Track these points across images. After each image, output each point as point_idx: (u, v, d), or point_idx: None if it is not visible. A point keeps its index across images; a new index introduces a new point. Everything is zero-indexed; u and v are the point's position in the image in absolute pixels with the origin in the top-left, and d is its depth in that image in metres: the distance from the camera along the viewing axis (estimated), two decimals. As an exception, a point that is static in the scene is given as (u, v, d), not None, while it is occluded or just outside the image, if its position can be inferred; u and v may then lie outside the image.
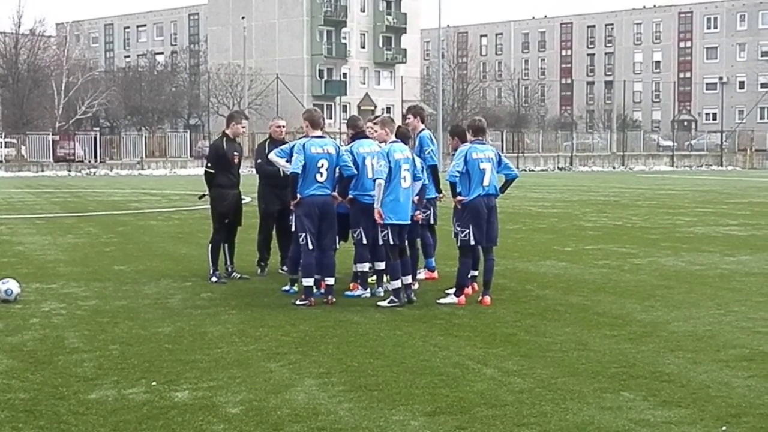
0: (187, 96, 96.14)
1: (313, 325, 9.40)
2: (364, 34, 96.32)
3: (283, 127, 13.20)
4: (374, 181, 10.69)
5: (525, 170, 66.37)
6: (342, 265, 11.85)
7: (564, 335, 8.93)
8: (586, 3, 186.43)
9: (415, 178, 11.00)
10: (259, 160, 12.89)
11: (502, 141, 74.68)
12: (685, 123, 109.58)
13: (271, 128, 13.25)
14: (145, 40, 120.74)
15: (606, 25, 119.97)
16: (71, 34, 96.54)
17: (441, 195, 12.19)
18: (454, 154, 11.29)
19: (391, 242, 10.73)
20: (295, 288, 11.29)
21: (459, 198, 10.64)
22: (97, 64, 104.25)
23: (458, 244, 10.84)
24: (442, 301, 10.73)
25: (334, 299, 10.73)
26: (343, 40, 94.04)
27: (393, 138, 10.97)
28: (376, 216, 10.60)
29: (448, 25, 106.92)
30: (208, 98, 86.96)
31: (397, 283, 10.60)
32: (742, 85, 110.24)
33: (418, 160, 11.25)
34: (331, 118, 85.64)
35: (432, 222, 12.27)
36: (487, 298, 10.67)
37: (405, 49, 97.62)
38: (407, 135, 11.73)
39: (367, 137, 11.53)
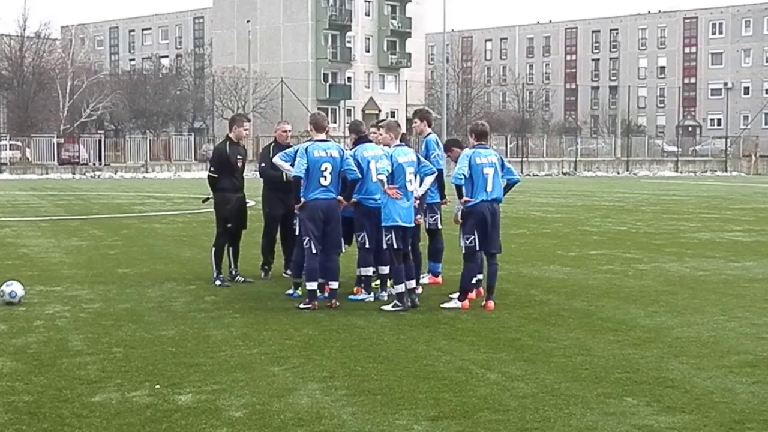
0: (191, 99, 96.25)
1: (317, 329, 9.40)
2: (368, 39, 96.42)
3: (289, 131, 13.20)
4: (377, 177, 10.67)
5: (529, 175, 66.37)
6: (346, 269, 11.84)
7: (568, 340, 8.93)
8: (591, 8, 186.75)
9: (427, 173, 11.03)
10: (263, 164, 12.89)
11: (506, 146, 74.66)
12: (690, 128, 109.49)
13: (276, 132, 13.19)
14: (150, 44, 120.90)
15: (611, 30, 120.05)
16: (76, 37, 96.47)
17: (445, 200, 12.18)
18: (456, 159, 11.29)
19: (395, 246, 10.72)
20: (299, 292, 11.30)
21: (465, 199, 10.64)
22: (102, 67, 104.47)
23: (464, 251, 10.83)
24: (445, 305, 10.73)
25: (337, 303, 10.73)
26: (347, 44, 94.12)
27: (397, 142, 10.99)
28: (393, 192, 10.53)
29: (452, 30, 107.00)
30: (213, 102, 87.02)
31: (401, 288, 10.60)
32: (747, 90, 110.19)
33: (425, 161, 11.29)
34: (335, 122, 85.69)
35: (439, 226, 12.27)
36: (491, 303, 10.66)
37: (410, 54, 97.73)
38: (407, 141, 11.73)
39: (369, 141, 11.54)
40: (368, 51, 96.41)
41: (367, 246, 11.16)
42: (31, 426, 6.22)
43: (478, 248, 10.72)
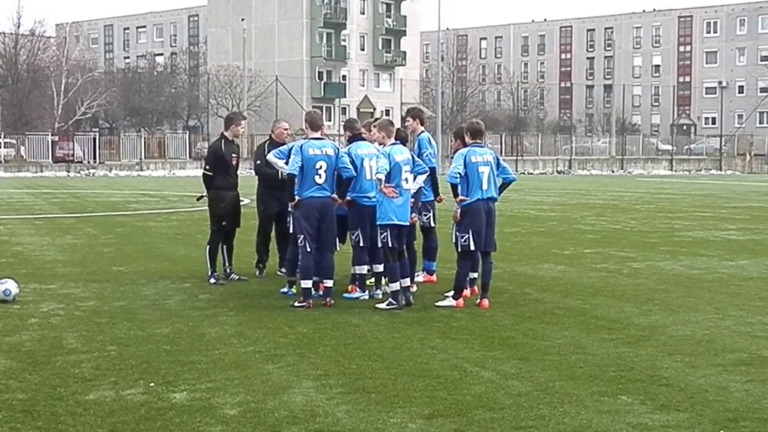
0: (186, 97, 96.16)
1: (311, 327, 9.40)
2: (363, 37, 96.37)
3: (288, 129, 13.23)
4: (375, 176, 10.67)
5: (524, 173, 66.36)
6: (340, 267, 11.84)
7: (562, 338, 8.93)
8: (585, 6, 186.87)
9: (420, 172, 11.04)
10: (258, 162, 12.89)
11: (501, 144, 74.74)
12: (685, 127, 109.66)
13: (276, 130, 13.09)
14: (145, 42, 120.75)
15: (606, 28, 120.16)
16: (71, 34, 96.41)
17: (439, 198, 12.18)
18: (453, 157, 11.30)
19: (390, 244, 10.73)
20: (294, 290, 11.30)
21: (460, 198, 10.63)
22: (97, 65, 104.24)
23: (458, 250, 10.82)
24: (440, 303, 10.73)
25: (332, 301, 10.73)
26: (342, 43, 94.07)
27: (392, 141, 10.99)
28: (389, 191, 10.54)
29: (447, 28, 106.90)
30: (208, 100, 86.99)
31: (396, 286, 10.60)
32: (741, 89, 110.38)
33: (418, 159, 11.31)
34: (330, 120, 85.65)
35: (432, 224, 12.27)
36: (486, 302, 10.66)
37: (404, 52, 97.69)
38: (405, 138, 11.74)
39: (364, 139, 11.53)
40: (363, 49, 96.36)
41: (361, 244, 11.16)
42: (25, 424, 6.21)
43: (473, 247, 10.71)
